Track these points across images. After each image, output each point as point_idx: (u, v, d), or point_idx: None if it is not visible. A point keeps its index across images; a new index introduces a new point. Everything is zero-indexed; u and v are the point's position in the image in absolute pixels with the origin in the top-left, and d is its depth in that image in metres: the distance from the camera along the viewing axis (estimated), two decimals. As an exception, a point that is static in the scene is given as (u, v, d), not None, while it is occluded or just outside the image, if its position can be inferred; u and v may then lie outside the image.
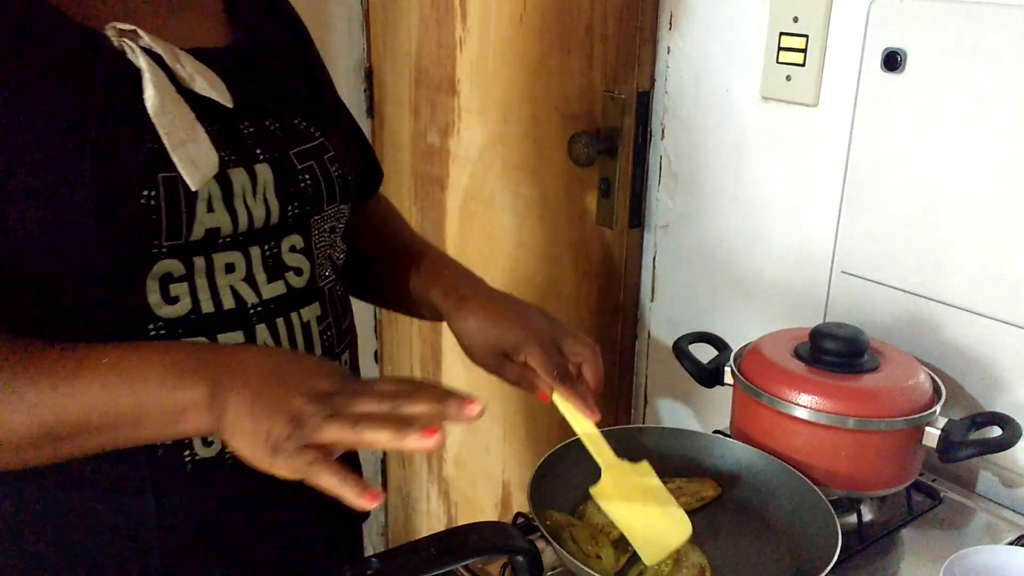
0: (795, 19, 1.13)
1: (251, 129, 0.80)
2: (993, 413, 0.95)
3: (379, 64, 1.95)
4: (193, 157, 0.73)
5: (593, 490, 0.86)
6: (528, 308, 0.93)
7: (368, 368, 2.24)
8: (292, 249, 0.83)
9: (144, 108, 0.72)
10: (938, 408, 0.92)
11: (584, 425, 0.88)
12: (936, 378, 0.97)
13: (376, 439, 0.62)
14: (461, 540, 0.79)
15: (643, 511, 0.85)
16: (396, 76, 1.90)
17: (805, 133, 1.16)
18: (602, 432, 0.97)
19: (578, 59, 1.44)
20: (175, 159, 0.72)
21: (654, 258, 1.43)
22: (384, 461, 2.34)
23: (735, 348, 1.03)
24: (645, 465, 0.88)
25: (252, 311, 0.80)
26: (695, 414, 1.42)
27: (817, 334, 0.95)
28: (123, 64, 0.73)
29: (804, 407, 0.90)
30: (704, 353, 1.06)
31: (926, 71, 1.02)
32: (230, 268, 0.78)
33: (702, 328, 1.14)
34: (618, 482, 0.86)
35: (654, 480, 0.87)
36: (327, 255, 0.89)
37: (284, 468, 0.63)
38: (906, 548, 0.94)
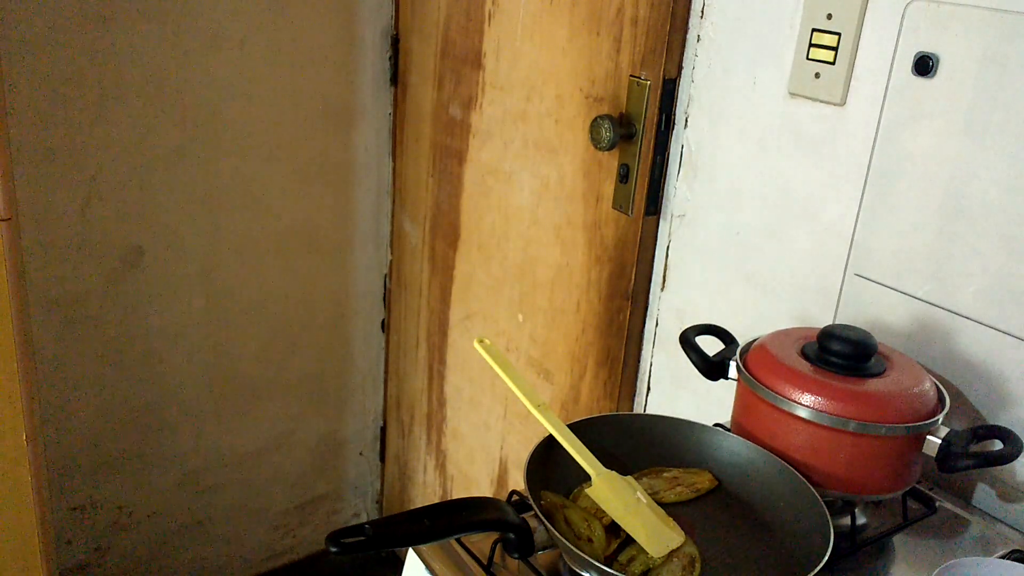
0: (829, 16, 1.12)
1: None
2: (995, 426, 0.95)
3: (406, 32, 1.94)
4: None
5: (589, 491, 0.87)
6: None
7: (375, 337, 2.25)
8: None
9: None
10: (941, 417, 0.91)
11: (570, 438, 0.89)
12: (941, 387, 0.96)
13: None
14: (455, 513, 0.79)
15: (641, 511, 0.85)
16: (422, 45, 1.89)
17: (830, 132, 1.16)
18: (605, 417, 0.97)
19: (607, 41, 1.43)
20: None
21: (668, 247, 1.43)
22: (383, 429, 2.36)
23: (742, 343, 1.03)
24: (631, 479, 0.89)
25: None
26: (697, 406, 1.42)
27: (825, 335, 0.95)
28: None
29: (806, 407, 0.90)
30: (711, 346, 1.06)
31: (957, 78, 1.01)
32: None
33: (710, 320, 1.14)
34: (611, 488, 0.87)
35: (642, 491, 0.88)
36: None
37: None
38: (898, 554, 0.94)
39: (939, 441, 0.90)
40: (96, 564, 2.01)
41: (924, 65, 1.03)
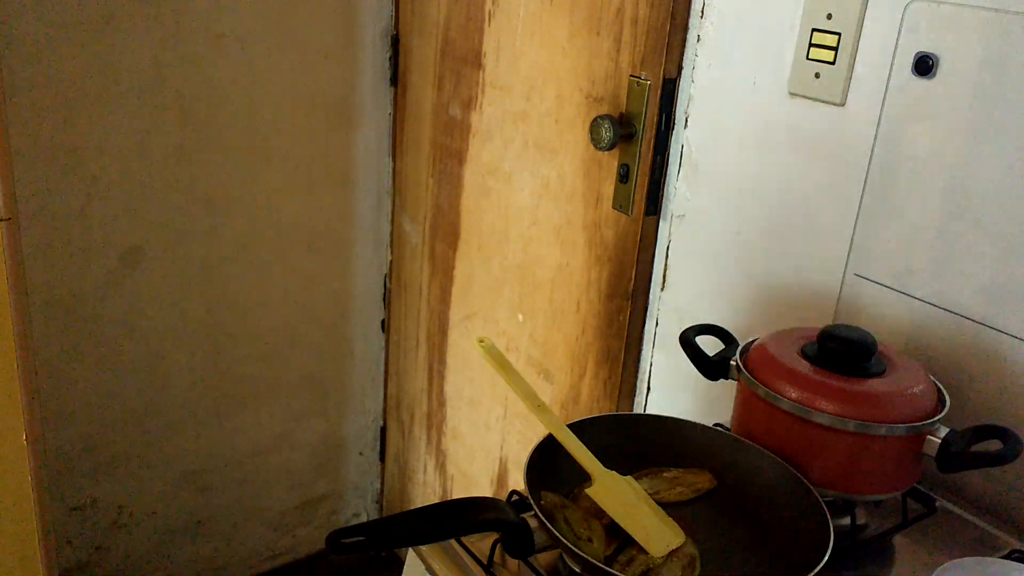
0: (829, 16, 1.12)
1: None
2: (995, 426, 0.95)
3: (406, 32, 1.94)
4: None
5: (589, 491, 0.87)
6: None
7: (375, 337, 2.25)
8: None
9: None
10: (941, 417, 0.91)
11: (570, 438, 0.89)
12: (941, 387, 0.96)
13: None
14: (455, 513, 0.79)
15: (641, 511, 0.85)
16: (422, 45, 1.89)
17: (830, 132, 1.16)
18: (605, 417, 0.97)
19: (607, 41, 1.43)
20: None
21: (668, 247, 1.43)
22: (383, 430, 2.36)
23: (742, 343, 1.03)
24: (631, 479, 0.90)
25: None
26: (697, 405, 1.42)
27: (825, 335, 0.95)
28: None
29: (806, 406, 0.90)
30: (711, 346, 1.06)
31: (957, 78, 1.01)
32: None
33: (710, 320, 1.14)
34: (611, 488, 0.87)
35: (642, 492, 0.88)
36: None
37: None
38: (898, 554, 0.94)
39: (939, 441, 0.90)
40: (96, 564, 2.01)
41: (924, 65, 1.03)
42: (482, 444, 1.94)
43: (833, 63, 1.13)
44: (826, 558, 0.77)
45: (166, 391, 1.96)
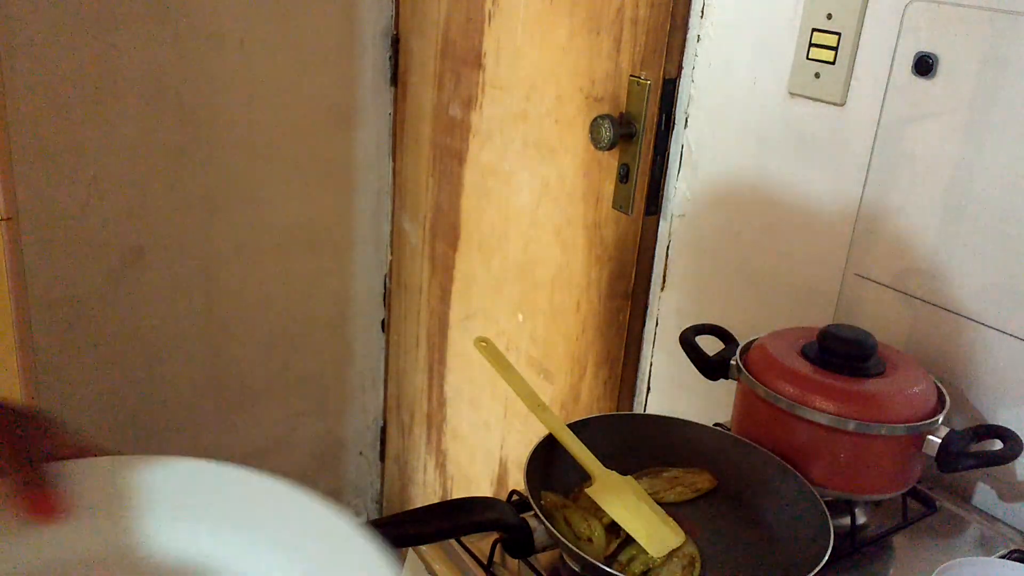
0: (829, 16, 1.12)
1: None
2: (995, 426, 0.95)
3: (406, 32, 1.94)
4: None
5: (589, 491, 0.87)
6: None
7: (375, 337, 2.25)
8: None
9: None
10: (940, 417, 0.91)
11: (570, 438, 0.89)
12: (941, 387, 0.96)
13: None
14: (455, 513, 0.79)
15: (641, 511, 0.85)
16: (422, 45, 1.89)
17: (829, 132, 1.16)
18: (605, 417, 0.97)
19: (607, 41, 1.43)
20: None
21: (668, 247, 1.43)
22: (383, 429, 2.36)
23: (742, 343, 1.03)
24: (631, 479, 0.90)
25: None
26: (697, 405, 1.42)
27: (825, 335, 0.95)
28: None
29: (806, 406, 0.90)
30: (711, 346, 1.06)
31: (957, 78, 1.01)
32: None
33: (711, 320, 1.14)
34: (611, 488, 0.87)
35: (642, 492, 0.88)
36: None
37: None
38: (898, 554, 0.94)
39: (939, 441, 0.90)
40: (96, 564, 2.01)
41: (924, 65, 1.03)
42: (482, 444, 1.94)
43: (833, 63, 1.13)
44: (826, 558, 0.77)
45: (166, 391, 1.96)
